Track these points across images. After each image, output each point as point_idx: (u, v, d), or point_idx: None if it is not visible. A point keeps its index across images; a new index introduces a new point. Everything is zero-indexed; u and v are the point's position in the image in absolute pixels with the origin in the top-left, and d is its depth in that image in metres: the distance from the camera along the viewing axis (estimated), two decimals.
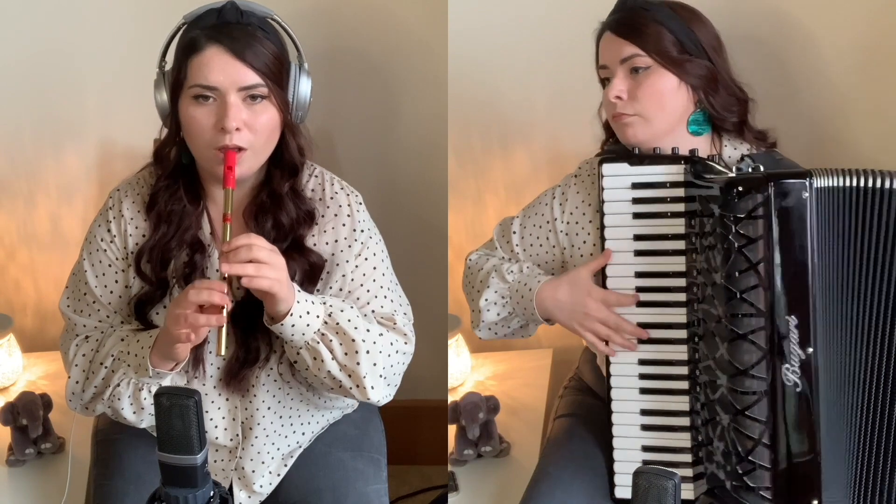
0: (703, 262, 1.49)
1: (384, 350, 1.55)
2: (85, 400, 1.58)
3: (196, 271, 1.57)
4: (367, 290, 1.60)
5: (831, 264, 1.42)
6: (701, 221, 1.49)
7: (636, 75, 1.56)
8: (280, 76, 1.53)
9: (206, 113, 1.49)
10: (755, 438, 1.44)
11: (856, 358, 1.44)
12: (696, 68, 1.56)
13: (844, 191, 1.41)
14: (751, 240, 1.41)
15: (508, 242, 1.75)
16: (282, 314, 1.48)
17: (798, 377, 1.42)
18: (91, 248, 1.62)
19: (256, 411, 1.63)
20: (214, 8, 1.52)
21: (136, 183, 1.63)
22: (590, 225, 1.65)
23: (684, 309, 1.54)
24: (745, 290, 1.42)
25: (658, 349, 1.56)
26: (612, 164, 1.57)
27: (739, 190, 1.41)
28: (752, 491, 1.45)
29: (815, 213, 1.41)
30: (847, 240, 1.42)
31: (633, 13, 1.58)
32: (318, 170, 1.66)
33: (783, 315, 1.41)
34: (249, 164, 1.52)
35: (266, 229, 1.56)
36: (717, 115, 1.60)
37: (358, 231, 1.61)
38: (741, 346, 1.43)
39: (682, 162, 1.53)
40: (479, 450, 1.93)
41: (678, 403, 1.56)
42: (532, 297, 1.63)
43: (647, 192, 1.55)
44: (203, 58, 1.48)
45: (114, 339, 1.57)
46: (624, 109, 1.57)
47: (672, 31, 1.55)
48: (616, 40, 1.58)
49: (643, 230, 1.56)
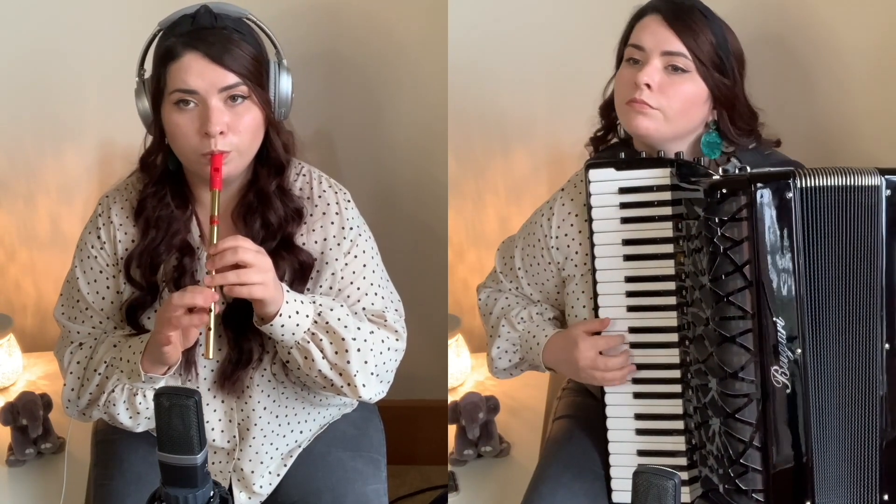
0: (690, 266, 1.48)
1: (375, 348, 1.55)
2: (81, 406, 1.59)
3: (185, 275, 1.57)
4: (358, 287, 1.60)
5: (818, 264, 1.41)
6: (687, 224, 1.48)
7: (672, 73, 1.53)
8: (259, 75, 1.53)
9: (188, 119, 1.49)
10: (746, 441, 1.43)
11: (845, 358, 1.43)
12: (725, 88, 1.54)
13: (829, 190, 1.40)
14: (735, 242, 1.40)
15: (511, 270, 1.75)
16: (271, 315, 1.48)
17: (787, 378, 1.41)
18: (82, 255, 1.63)
19: (252, 412, 1.63)
20: (188, 14, 1.52)
21: (125, 189, 1.63)
22: (579, 235, 1.64)
23: (675, 312, 1.53)
24: (731, 292, 1.41)
25: (650, 353, 1.56)
26: (599, 169, 1.55)
27: (723, 192, 1.41)
28: (744, 494, 1.44)
29: (801, 213, 1.40)
30: (833, 239, 1.41)
31: (691, 10, 1.54)
32: (306, 168, 1.65)
33: (770, 317, 1.41)
34: (236, 164, 1.52)
35: (255, 230, 1.56)
36: (731, 137, 1.57)
37: (347, 229, 1.61)
38: (729, 348, 1.42)
39: (667, 165, 1.52)
40: (479, 450, 1.93)
41: (672, 407, 1.55)
42: (540, 350, 1.65)
43: (634, 196, 1.54)
44: (181, 64, 1.48)
45: (106, 346, 1.57)
46: (648, 99, 1.52)
47: (718, 43, 1.53)
48: (665, 28, 1.53)
49: (631, 234, 1.55)
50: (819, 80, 1.90)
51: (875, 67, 1.86)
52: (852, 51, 1.86)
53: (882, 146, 1.88)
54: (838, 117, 1.91)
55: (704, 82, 1.53)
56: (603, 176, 1.55)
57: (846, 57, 1.86)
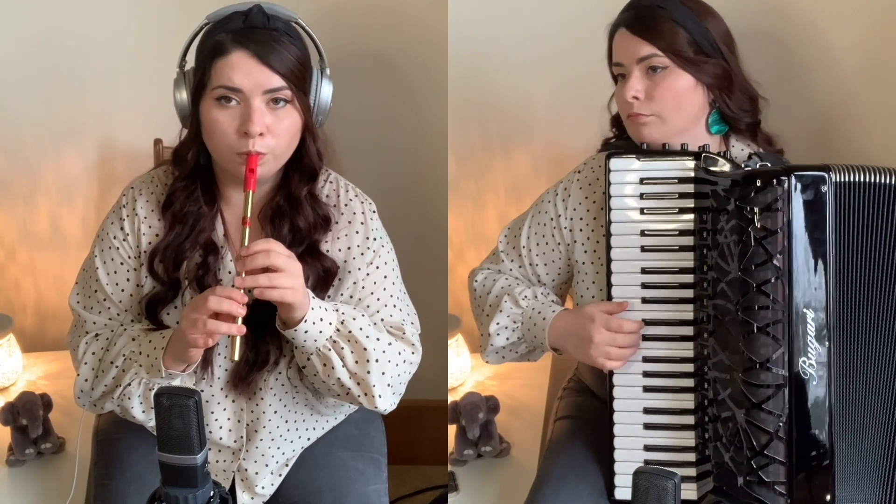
0: (715, 258, 1.48)
1: (393, 360, 1.55)
2: (94, 398, 1.58)
3: (209, 273, 1.56)
4: (378, 298, 1.60)
5: (849, 259, 1.42)
6: (714, 216, 1.48)
7: (653, 75, 1.55)
8: (303, 81, 1.52)
9: (229, 116, 1.48)
10: (770, 432, 1.43)
11: (873, 353, 1.44)
12: (713, 68, 1.56)
13: (863, 186, 1.42)
14: (770, 232, 1.40)
15: (515, 248, 1.73)
16: (296, 320, 1.48)
17: (815, 371, 1.42)
18: (103, 245, 1.61)
19: (263, 414, 1.63)
20: (240, 11, 1.51)
21: (151, 181, 1.62)
22: (594, 221, 1.64)
23: (691, 305, 1.53)
24: (762, 282, 1.41)
25: (663, 346, 1.55)
26: (620, 158, 1.56)
27: (760, 182, 1.41)
28: (766, 485, 1.44)
29: (834, 207, 1.41)
30: (865, 235, 1.42)
31: (650, 11, 1.56)
32: (333, 176, 1.65)
33: (801, 308, 1.41)
34: (270, 166, 1.52)
35: (283, 233, 1.56)
36: (732, 115, 1.60)
37: (371, 239, 1.61)
38: (758, 338, 1.42)
39: (692, 157, 1.53)
40: (479, 450, 1.93)
41: (683, 401, 1.55)
42: (546, 325, 1.62)
43: (655, 187, 1.54)
44: (229, 61, 1.47)
45: (125, 339, 1.56)
46: (641, 110, 1.56)
47: (689, 31, 1.55)
48: (632, 38, 1.56)
49: (651, 225, 1.55)
50: (812, 76, 1.91)
51: (861, 65, 1.86)
52: (841, 45, 1.86)
53: (876, 144, 1.88)
54: (828, 116, 1.91)
55: (686, 71, 1.55)
56: (624, 165, 1.56)
57: (836, 52, 1.87)
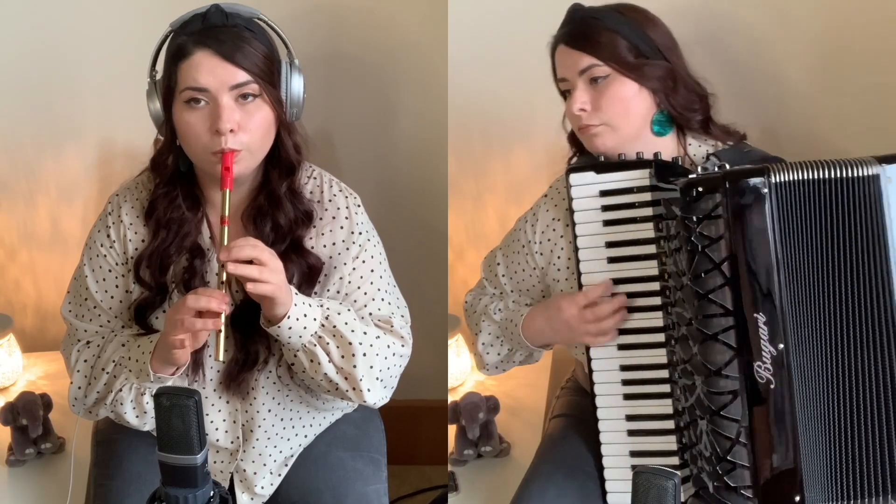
0: (672, 266, 1.49)
1: (381, 353, 1.55)
2: (88, 405, 1.59)
3: (196, 276, 1.57)
4: (365, 292, 1.60)
5: (796, 258, 1.41)
6: (667, 224, 1.49)
7: (596, 85, 1.57)
8: (271, 74, 1.53)
9: (199, 117, 1.49)
10: (732, 438, 1.43)
11: (828, 351, 1.43)
12: (654, 70, 1.57)
13: (804, 183, 1.41)
14: (713, 240, 1.41)
15: (496, 276, 1.77)
16: (279, 317, 1.48)
17: (770, 374, 1.41)
18: (91, 253, 1.63)
19: (257, 414, 1.63)
20: (199, 13, 1.52)
21: (135, 188, 1.63)
22: (562, 239, 1.66)
23: (660, 313, 1.54)
24: (711, 290, 1.42)
25: (638, 354, 1.56)
26: (579, 173, 1.57)
27: (698, 190, 1.42)
28: (733, 491, 1.44)
29: (776, 208, 1.40)
30: (810, 232, 1.41)
31: (585, 23, 1.58)
32: (317, 171, 1.65)
33: (751, 312, 1.41)
34: (247, 163, 1.52)
35: (265, 232, 1.56)
36: (679, 115, 1.60)
37: (356, 234, 1.61)
38: (712, 346, 1.42)
39: (646, 166, 1.53)
40: (479, 450, 1.93)
41: (662, 407, 1.56)
42: (518, 331, 1.66)
43: (615, 198, 1.55)
44: (192, 62, 1.48)
45: (115, 345, 1.57)
46: (590, 121, 1.57)
47: (625, 37, 1.56)
48: (571, 52, 1.58)
49: (614, 237, 1.56)
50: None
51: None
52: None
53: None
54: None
55: (628, 77, 1.56)
56: (583, 180, 1.57)
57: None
